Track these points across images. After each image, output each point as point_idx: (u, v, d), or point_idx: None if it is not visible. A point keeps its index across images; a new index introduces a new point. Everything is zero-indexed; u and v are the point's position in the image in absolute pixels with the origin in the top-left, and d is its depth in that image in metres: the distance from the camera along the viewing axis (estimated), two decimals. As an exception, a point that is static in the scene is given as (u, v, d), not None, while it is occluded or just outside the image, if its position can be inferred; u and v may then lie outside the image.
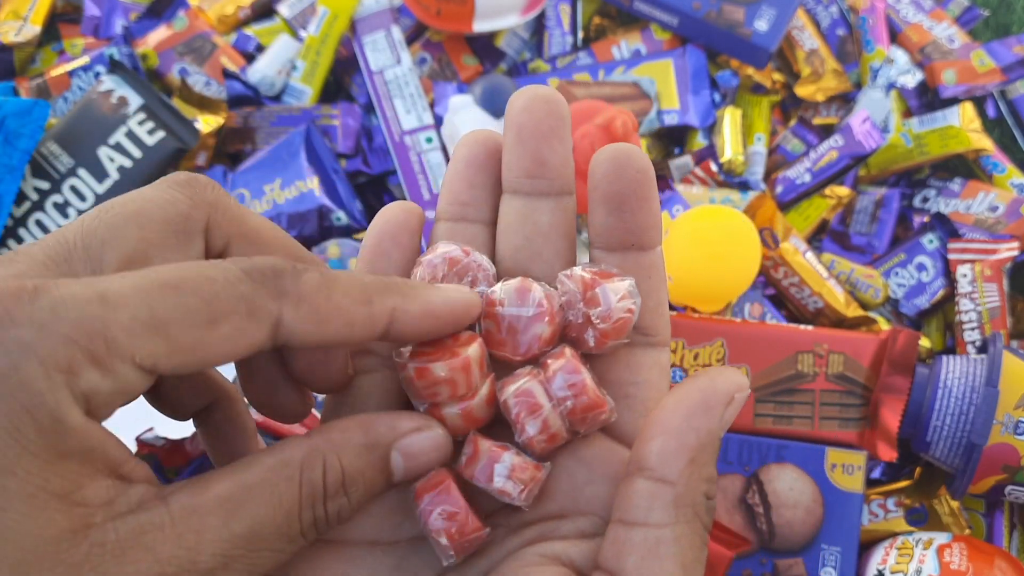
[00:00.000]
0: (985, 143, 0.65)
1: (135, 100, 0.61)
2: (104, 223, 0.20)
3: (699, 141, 0.66)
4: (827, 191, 0.64)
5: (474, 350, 0.21)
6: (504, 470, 0.21)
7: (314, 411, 0.54)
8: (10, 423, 0.17)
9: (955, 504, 0.54)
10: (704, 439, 0.19)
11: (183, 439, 0.52)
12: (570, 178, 0.23)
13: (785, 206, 0.64)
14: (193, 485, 0.19)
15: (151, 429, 0.51)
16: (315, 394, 0.25)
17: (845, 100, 0.69)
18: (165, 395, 0.24)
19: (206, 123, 0.64)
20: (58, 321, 0.17)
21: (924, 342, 0.59)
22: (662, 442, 0.19)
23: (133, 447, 0.52)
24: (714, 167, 0.64)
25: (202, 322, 0.18)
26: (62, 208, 0.60)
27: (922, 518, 0.54)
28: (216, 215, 0.21)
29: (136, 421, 0.52)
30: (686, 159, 0.64)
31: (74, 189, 0.60)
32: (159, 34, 0.70)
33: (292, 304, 0.19)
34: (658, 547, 0.19)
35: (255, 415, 0.51)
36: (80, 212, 0.60)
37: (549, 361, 0.22)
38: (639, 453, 0.20)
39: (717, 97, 0.67)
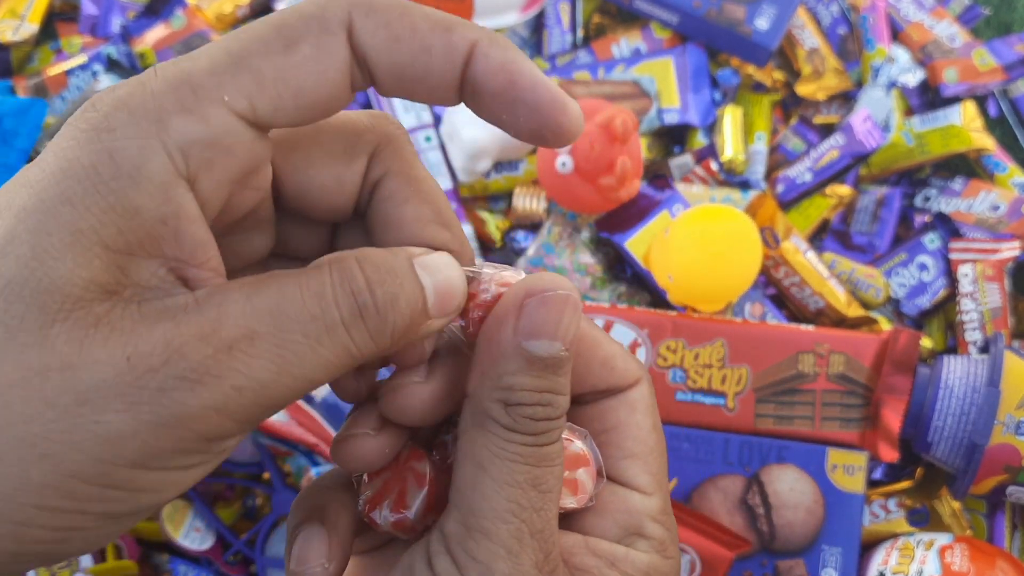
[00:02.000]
0: (987, 142, 0.65)
1: (133, 99, 0.61)
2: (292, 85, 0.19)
3: (699, 140, 0.65)
4: (828, 190, 0.64)
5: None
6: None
7: (319, 418, 0.54)
8: (89, 161, 0.16)
9: (956, 505, 0.54)
10: (495, 352, 0.20)
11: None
12: None
13: (786, 205, 0.64)
14: (223, 282, 0.18)
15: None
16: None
17: (846, 99, 0.69)
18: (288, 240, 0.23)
19: (204, 122, 0.64)
20: (146, 85, 0.17)
21: (925, 342, 0.58)
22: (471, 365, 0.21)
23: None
24: (715, 166, 0.63)
25: (279, 47, 0.18)
26: (59, 207, 0.59)
27: (923, 519, 0.54)
28: (387, 148, 0.21)
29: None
30: (686, 158, 0.64)
31: (71, 188, 0.59)
32: (157, 33, 0.69)
33: (363, 11, 0.18)
34: (457, 455, 0.20)
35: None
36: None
37: None
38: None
39: (717, 96, 0.67)
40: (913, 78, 0.68)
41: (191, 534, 0.53)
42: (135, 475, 0.17)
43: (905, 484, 0.55)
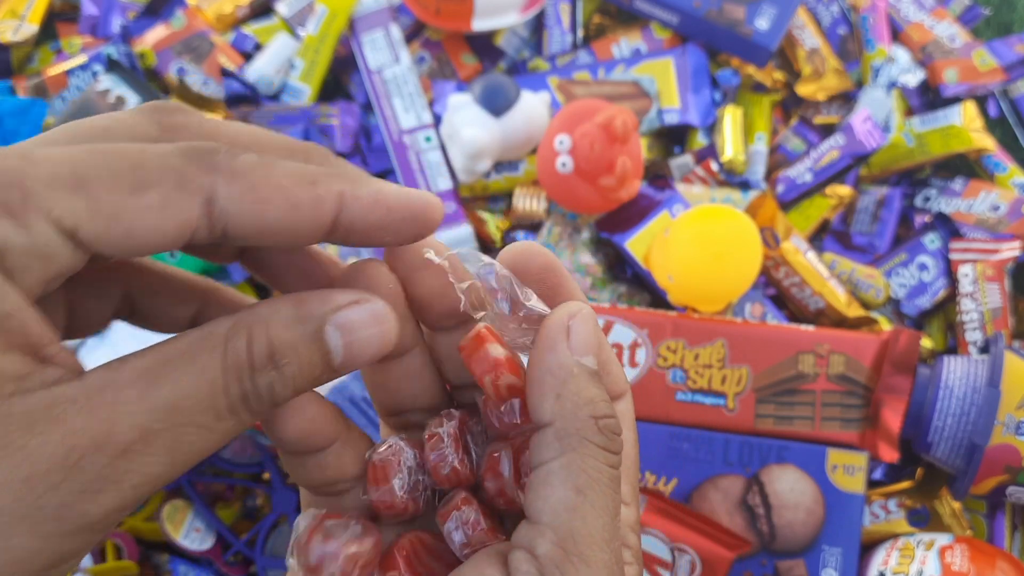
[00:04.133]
0: (987, 142, 0.65)
1: (133, 99, 0.61)
2: (68, 133, 0.19)
3: (700, 140, 0.65)
4: (828, 190, 0.64)
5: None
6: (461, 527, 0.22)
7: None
8: None
9: (957, 505, 0.54)
10: (562, 373, 0.20)
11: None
12: None
13: (786, 205, 0.64)
14: (112, 362, 0.18)
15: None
16: None
17: (846, 99, 0.69)
18: (143, 305, 0.22)
19: (204, 122, 0.64)
20: None
21: (926, 342, 0.58)
22: (532, 394, 0.21)
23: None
24: (715, 166, 0.63)
25: (126, 186, 0.17)
26: (59, 208, 0.59)
27: (924, 519, 0.54)
28: (181, 138, 0.20)
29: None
30: (687, 158, 0.64)
31: (71, 188, 0.59)
32: (157, 33, 0.69)
33: (226, 178, 0.18)
34: (548, 477, 0.20)
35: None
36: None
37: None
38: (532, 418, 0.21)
39: (718, 96, 0.67)
40: (913, 78, 0.68)
41: (191, 534, 0.53)
42: (47, 574, 0.17)
43: (905, 484, 0.55)
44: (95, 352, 0.54)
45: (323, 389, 0.55)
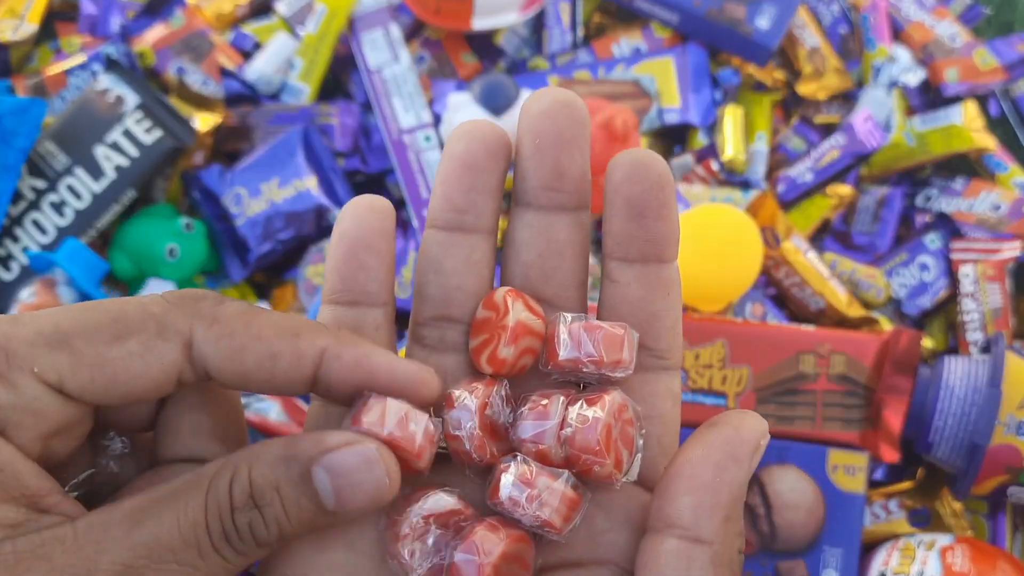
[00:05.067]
0: (988, 142, 0.65)
1: (132, 99, 0.61)
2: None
3: (700, 139, 0.65)
4: (829, 190, 0.64)
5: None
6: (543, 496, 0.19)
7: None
8: None
9: (958, 505, 0.54)
10: (736, 493, 0.19)
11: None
12: (588, 191, 0.21)
13: (787, 205, 0.64)
14: (106, 505, 0.18)
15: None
16: None
17: (847, 98, 0.69)
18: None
19: (203, 122, 0.64)
20: None
21: (926, 342, 0.58)
22: (695, 499, 0.18)
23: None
24: (715, 166, 0.63)
25: (107, 337, 0.18)
26: (58, 207, 0.59)
27: (925, 519, 0.54)
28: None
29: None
30: (687, 158, 0.64)
31: (71, 188, 0.59)
32: (156, 32, 0.69)
33: (206, 323, 0.19)
34: None
35: (249, 415, 0.50)
36: (77, 211, 0.59)
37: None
38: (668, 509, 0.19)
39: (718, 95, 0.67)
40: (914, 78, 0.68)
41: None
42: None
43: (906, 485, 0.55)
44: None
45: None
